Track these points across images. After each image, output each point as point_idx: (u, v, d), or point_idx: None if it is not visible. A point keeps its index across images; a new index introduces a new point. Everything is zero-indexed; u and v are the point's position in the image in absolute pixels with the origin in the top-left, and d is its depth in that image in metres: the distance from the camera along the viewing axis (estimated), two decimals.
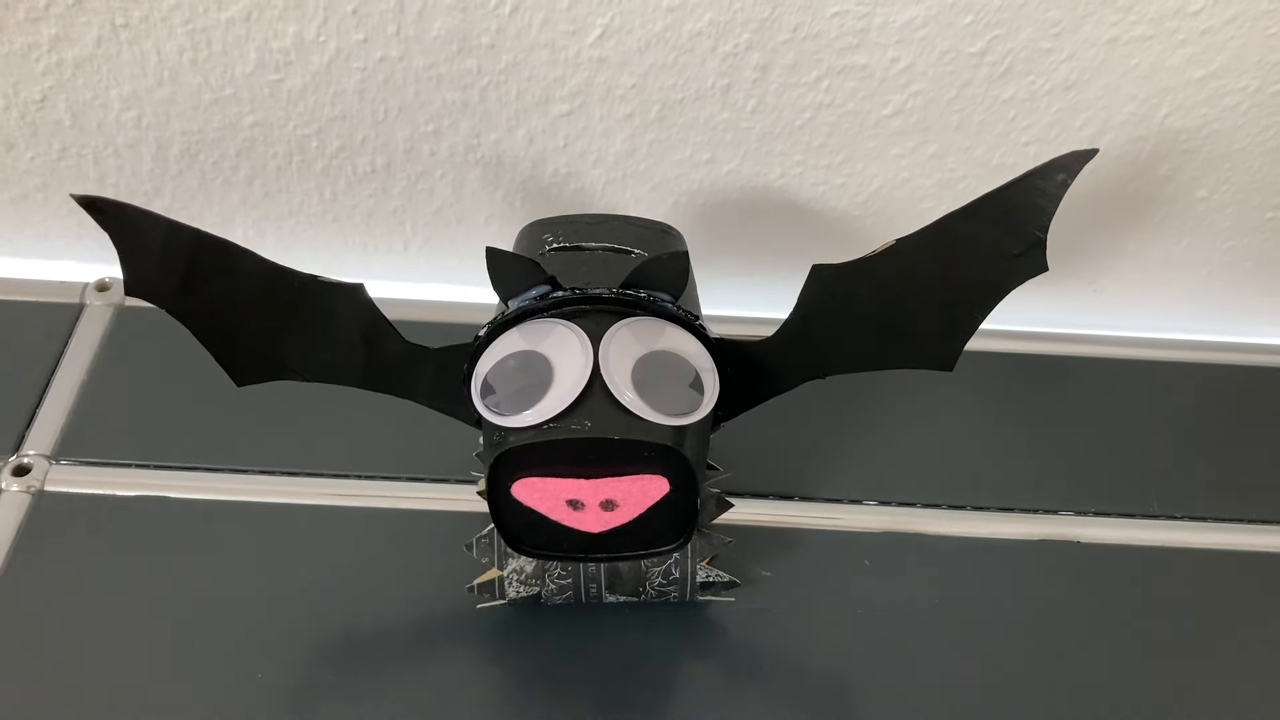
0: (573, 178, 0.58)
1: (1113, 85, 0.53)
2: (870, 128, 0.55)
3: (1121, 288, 0.62)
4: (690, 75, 0.53)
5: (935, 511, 0.53)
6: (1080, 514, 0.54)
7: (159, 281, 0.40)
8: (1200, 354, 0.61)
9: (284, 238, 0.61)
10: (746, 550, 0.50)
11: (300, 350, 0.43)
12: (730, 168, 0.57)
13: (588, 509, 0.41)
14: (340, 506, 0.52)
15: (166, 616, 0.48)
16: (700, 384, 0.41)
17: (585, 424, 0.39)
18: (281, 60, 0.53)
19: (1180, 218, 0.58)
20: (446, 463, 0.52)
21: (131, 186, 0.59)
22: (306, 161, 0.57)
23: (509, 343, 0.41)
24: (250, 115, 0.55)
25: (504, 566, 0.46)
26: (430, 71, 0.53)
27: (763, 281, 0.62)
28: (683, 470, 0.40)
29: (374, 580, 0.49)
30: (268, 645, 0.47)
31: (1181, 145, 0.55)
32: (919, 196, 0.58)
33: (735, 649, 0.48)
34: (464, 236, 0.61)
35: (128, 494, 0.52)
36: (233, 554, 0.50)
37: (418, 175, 0.58)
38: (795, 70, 0.53)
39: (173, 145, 0.57)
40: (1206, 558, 0.52)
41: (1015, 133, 0.55)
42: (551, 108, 0.55)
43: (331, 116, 0.55)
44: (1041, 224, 0.40)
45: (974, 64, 0.52)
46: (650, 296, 0.42)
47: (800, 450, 0.55)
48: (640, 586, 0.47)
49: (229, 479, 0.53)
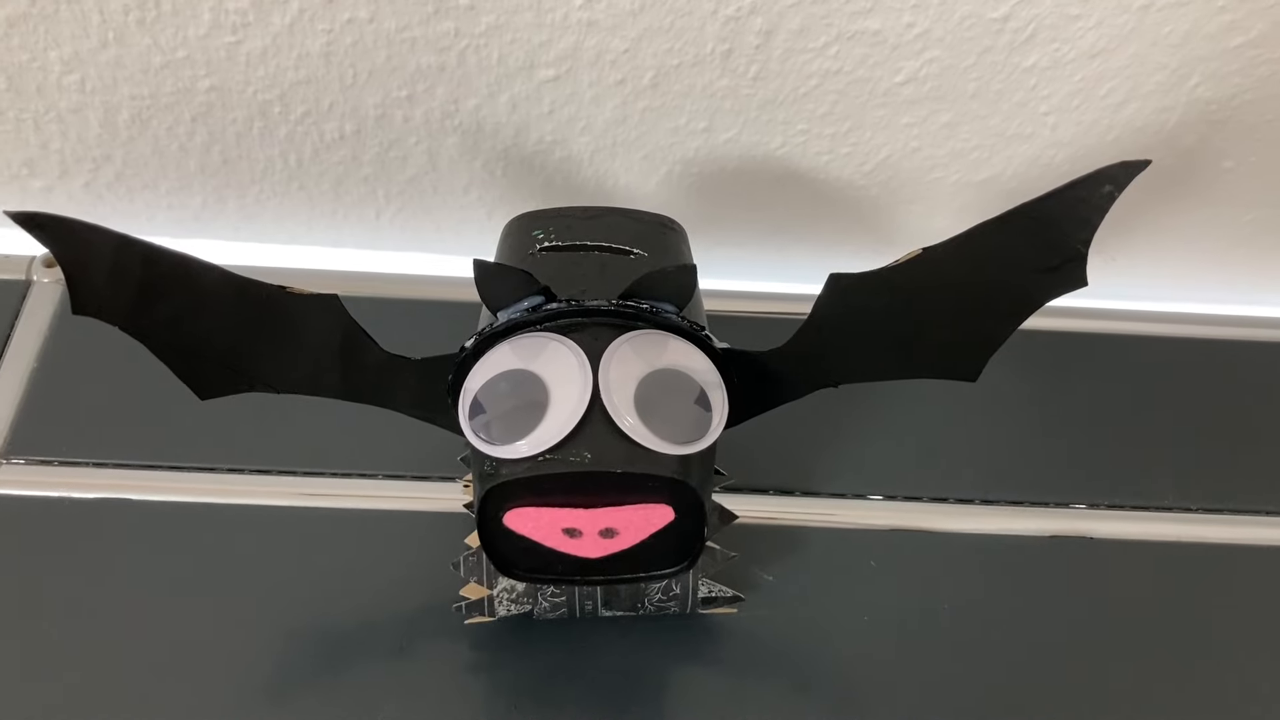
0: (558, 145, 0.54)
1: (1142, 53, 0.49)
2: (880, 95, 0.51)
3: (1138, 259, 0.59)
4: (688, 40, 0.49)
5: (943, 506, 0.51)
6: (1093, 507, 0.51)
7: (110, 299, 0.37)
8: (1218, 329, 0.58)
9: (247, 206, 0.57)
10: (746, 551, 0.47)
11: (270, 364, 0.39)
12: (728, 136, 0.53)
13: (586, 536, 0.38)
14: (316, 507, 0.49)
15: (129, 629, 0.45)
16: (708, 403, 0.37)
17: (585, 455, 0.36)
18: (239, 21, 0.48)
19: (1204, 188, 0.55)
20: (429, 459, 0.49)
21: (78, 152, 0.54)
22: (269, 127, 0.53)
23: (499, 359, 0.38)
24: (206, 79, 0.50)
25: (494, 585, 0.43)
26: (403, 34, 0.49)
27: (759, 252, 0.59)
28: (689, 499, 0.37)
29: (353, 587, 0.47)
30: (238, 659, 0.44)
31: (1211, 115, 0.51)
32: (929, 166, 0.54)
33: (736, 658, 0.46)
34: (441, 205, 0.57)
35: (86, 496, 0.48)
36: (201, 560, 0.47)
37: (390, 142, 0.54)
38: (802, 35, 0.48)
39: (122, 110, 0.52)
40: (1227, 553, 0.50)
41: (1035, 101, 0.51)
42: (536, 73, 0.50)
43: (295, 81, 0.51)
44: (1083, 238, 0.36)
45: (995, 29, 0.48)
46: (652, 308, 0.38)
47: (801, 443, 0.52)
48: (639, 603, 0.44)
49: (197, 478, 0.49)
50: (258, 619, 0.45)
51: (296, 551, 0.47)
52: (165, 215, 0.58)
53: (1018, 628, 0.47)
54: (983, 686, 0.45)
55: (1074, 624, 0.48)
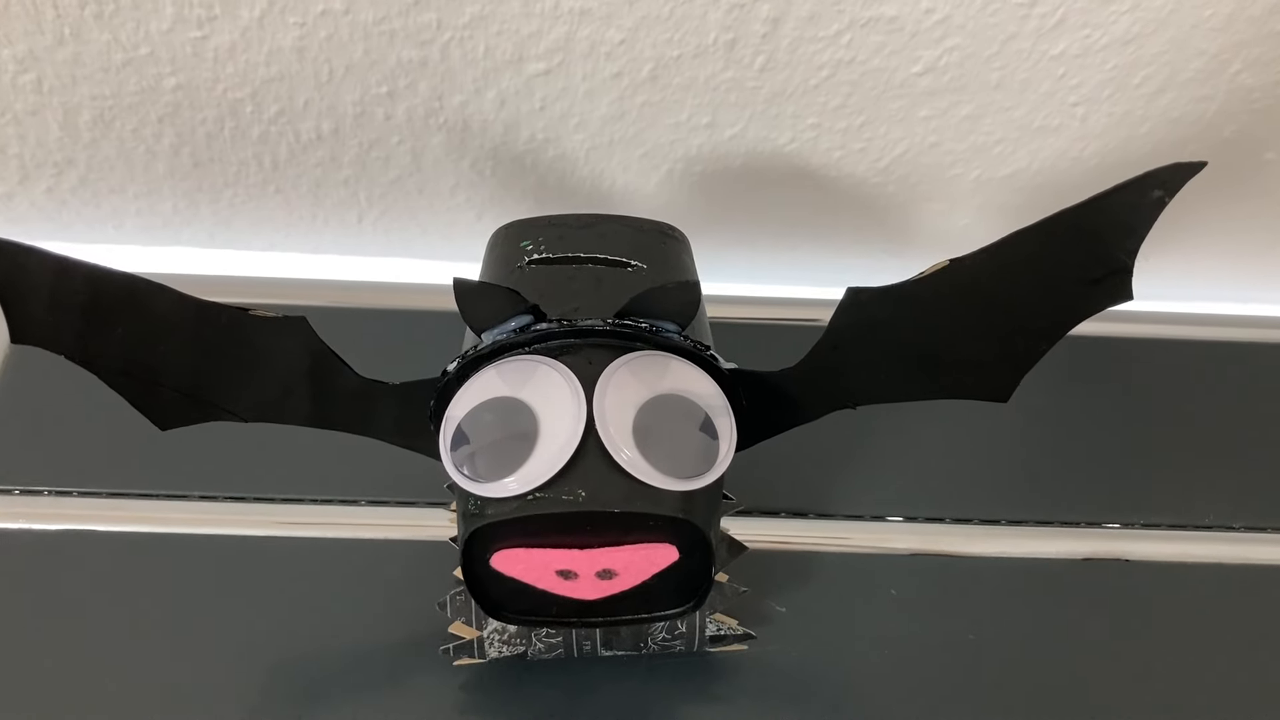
0: (551, 143, 0.50)
1: (1180, 39, 0.45)
2: (896, 87, 0.48)
3: (1173, 257, 0.56)
4: (689, 29, 0.45)
5: (967, 528, 0.48)
6: (1127, 527, 0.48)
7: (52, 327, 0.33)
8: (1257, 331, 0.55)
9: (220, 210, 0.54)
10: (756, 579, 0.44)
11: (234, 392, 0.36)
12: (733, 132, 0.49)
13: (582, 578, 0.35)
14: (293, 537, 0.46)
15: (94, 667, 0.42)
16: (714, 430, 0.34)
17: (579, 494, 0.32)
18: (204, 15, 0.45)
19: (1244, 181, 0.52)
20: (415, 483, 0.46)
21: (38, 156, 0.51)
22: (241, 128, 0.49)
23: (485, 384, 0.34)
24: (172, 77, 0.47)
25: (483, 626, 0.40)
26: (381, 26, 0.45)
27: (768, 253, 0.56)
28: (694, 538, 0.34)
29: (333, 621, 0.44)
30: (210, 698, 0.41)
31: (1253, 104, 0.48)
32: (948, 162, 0.51)
33: (746, 698, 0.43)
34: (426, 207, 0.54)
35: (46, 528, 0.45)
36: (172, 594, 0.44)
37: (371, 142, 0.50)
38: (812, 23, 0.45)
39: (82, 111, 0.49)
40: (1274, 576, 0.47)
41: (1063, 92, 0.48)
42: (526, 66, 0.47)
43: (267, 78, 0.47)
44: (1129, 248, 0.33)
45: (1021, 15, 0.45)
46: (652, 326, 0.35)
47: (814, 461, 0.49)
48: (642, 643, 0.41)
49: (167, 507, 0.46)
50: (232, 656, 0.43)
51: (274, 584, 0.45)
52: (134, 221, 0.54)
53: (1050, 658, 0.44)
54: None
55: (1111, 653, 0.45)
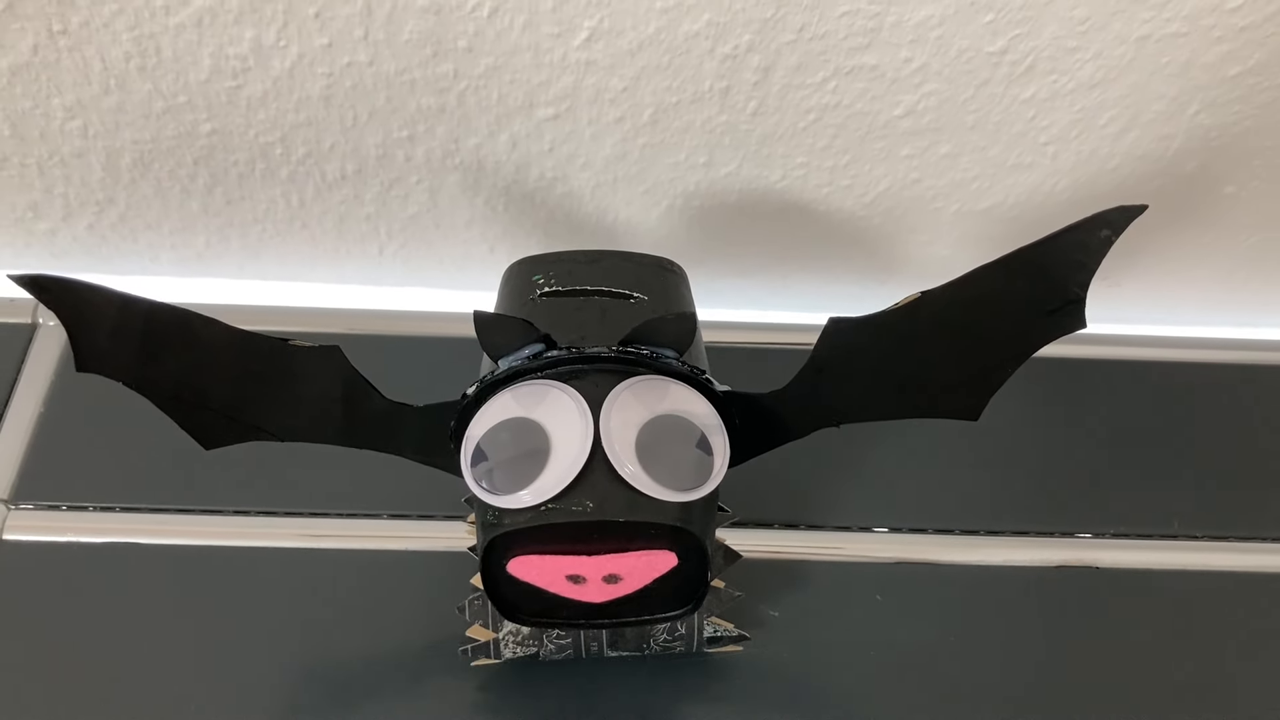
0: (559, 181, 0.54)
1: (1141, 83, 0.49)
2: (879, 128, 0.51)
3: (1142, 284, 0.59)
4: (686, 78, 0.49)
5: (947, 538, 0.51)
6: (1097, 537, 0.51)
7: (113, 357, 0.37)
8: (1222, 353, 0.58)
9: (250, 244, 0.57)
10: (751, 586, 0.47)
11: (273, 415, 0.39)
12: (728, 170, 0.53)
13: (590, 582, 0.38)
14: (321, 549, 0.49)
15: (138, 674, 0.45)
16: (709, 447, 0.37)
17: (586, 505, 0.36)
18: (239, 66, 0.48)
19: (1205, 213, 0.55)
20: (432, 499, 0.49)
21: (82, 195, 0.54)
22: (271, 168, 0.53)
23: (501, 407, 0.38)
24: (207, 123, 0.51)
25: (499, 629, 0.44)
26: (403, 76, 0.49)
27: (762, 281, 0.59)
28: (692, 544, 0.37)
29: (359, 628, 0.47)
30: (248, 703, 0.44)
31: (1211, 142, 0.51)
32: (930, 196, 0.54)
33: (743, 695, 0.46)
34: (442, 240, 0.57)
35: (94, 540, 0.49)
36: (209, 603, 0.47)
37: (392, 181, 0.54)
38: (800, 71, 0.48)
39: (124, 154, 0.52)
40: (1235, 581, 0.50)
41: (1034, 132, 0.51)
42: (536, 112, 0.50)
43: (296, 123, 0.51)
44: (1081, 281, 0.36)
45: (993, 63, 0.48)
46: (653, 353, 0.38)
47: (805, 476, 0.52)
48: (644, 644, 0.44)
49: (203, 521, 0.50)
50: (263, 660, 0.45)
51: (302, 592, 0.48)
52: (169, 255, 0.58)
53: (1027, 660, 0.47)
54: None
55: (1083, 654, 0.48)
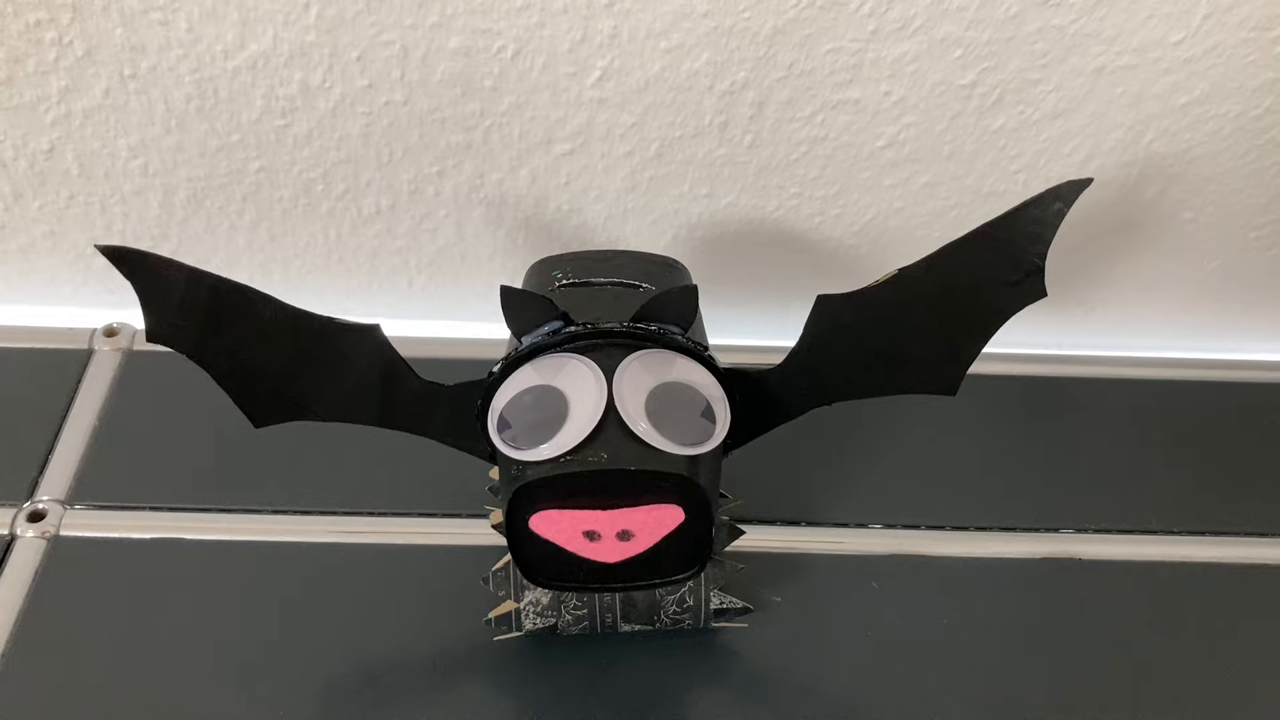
0: (574, 214, 0.59)
1: (1100, 113, 0.54)
2: (864, 159, 0.56)
3: (1113, 308, 0.64)
4: (688, 113, 0.54)
5: (939, 533, 0.54)
6: (1080, 531, 0.55)
7: (180, 328, 0.41)
8: (1190, 371, 0.63)
9: (290, 278, 0.62)
10: (756, 576, 0.51)
11: (318, 391, 0.44)
12: (728, 201, 0.58)
13: (604, 540, 0.42)
14: (354, 544, 0.53)
15: (186, 658, 0.48)
16: (712, 413, 0.42)
17: (601, 456, 0.40)
18: (287, 106, 0.54)
19: (1168, 239, 0.60)
20: (458, 498, 0.53)
21: (138, 232, 0.59)
22: (312, 204, 0.58)
23: (523, 378, 0.42)
24: (256, 160, 0.56)
25: (520, 599, 0.47)
26: (434, 115, 0.54)
27: (762, 309, 0.63)
28: (697, 499, 0.41)
29: (391, 616, 0.50)
30: (288, 684, 0.47)
31: (1167, 169, 0.56)
32: (913, 225, 0.59)
33: (747, 673, 0.49)
34: (468, 274, 0.62)
35: (143, 536, 0.52)
36: (250, 594, 0.51)
37: (422, 215, 0.59)
38: (790, 106, 0.54)
39: (179, 191, 0.57)
40: (1205, 571, 0.53)
41: (1006, 161, 0.56)
42: (553, 147, 0.56)
43: (337, 160, 0.56)
44: (1039, 251, 0.41)
45: (964, 95, 0.54)
46: (661, 329, 0.43)
47: (806, 476, 0.56)
48: (655, 615, 0.48)
49: (243, 519, 0.53)
50: (300, 646, 0.49)
51: (336, 584, 0.51)
52: None
53: (1012, 645, 0.50)
54: (978, 699, 0.48)
55: (1066, 640, 0.51)
